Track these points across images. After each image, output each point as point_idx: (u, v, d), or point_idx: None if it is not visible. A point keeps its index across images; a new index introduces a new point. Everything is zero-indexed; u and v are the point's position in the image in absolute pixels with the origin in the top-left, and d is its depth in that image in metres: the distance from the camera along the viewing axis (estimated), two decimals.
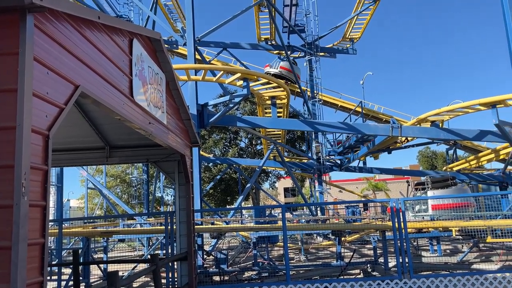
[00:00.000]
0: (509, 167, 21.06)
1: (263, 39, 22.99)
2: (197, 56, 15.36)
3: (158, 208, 30.91)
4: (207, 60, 21.04)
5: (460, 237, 16.86)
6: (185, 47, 15.25)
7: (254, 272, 12.30)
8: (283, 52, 22.43)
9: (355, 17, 22.89)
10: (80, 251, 10.96)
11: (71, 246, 19.61)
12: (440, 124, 14.82)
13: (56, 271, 11.36)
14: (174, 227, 8.32)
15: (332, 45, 24.90)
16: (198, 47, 16.64)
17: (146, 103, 5.34)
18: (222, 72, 12.70)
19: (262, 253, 14.22)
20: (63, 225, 12.29)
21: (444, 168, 26.85)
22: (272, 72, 21.82)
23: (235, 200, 33.68)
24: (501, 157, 20.65)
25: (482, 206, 13.16)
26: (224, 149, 34.52)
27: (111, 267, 12.45)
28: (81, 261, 10.98)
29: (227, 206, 34.20)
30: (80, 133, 7.55)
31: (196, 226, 9.92)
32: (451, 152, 27.50)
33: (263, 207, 19.43)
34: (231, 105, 13.32)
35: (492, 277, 8.93)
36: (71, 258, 9.83)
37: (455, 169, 24.05)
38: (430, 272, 10.94)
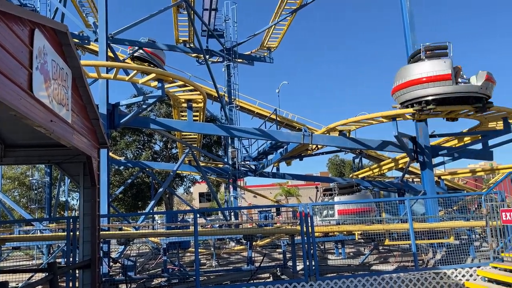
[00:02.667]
0: (406, 176, 23.01)
1: (181, 41, 22.68)
2: (110, 54, 14.67)
3: (62, 213, 28.86)
4: (121, 58, 20.19)
5: (362, 240, 18.03)
6: (97, 43, 14.50)
7: (164, 279, 12.00)
8: (201, 55, 22.33)
9: (273, 27, 23.54)
10: None
11: None
12: (347, 134, 15.76)
13: None
14: (78, 233, 7.79)
15: (250, 53, 25.35)
16: (111, 44, 15.91)
17: (48, 99, 4.94)
18: (135, 71, 12.25)
19: (173, 259, 13.92)
20: None
21: (351, 175, 28.58)
22: (135, 54, 21.42)
23: (147, 206, 32.60)
24: (400, 166, 22.51)
25: (383, 211, 14.16)
26: (137, 152, 33.32)
27: (1, 277, 11.32)
28: None
29: (139, 212, 33.01)
30: None
31: (102, 232, 9.41)
32: (357, 160, 29.39)
33: (175, 212, 19.06)
34: (144, 106, 12.90)
35: (388, 277, 9.63)
36: None
37: (360, 176, 25.74)
38: (335, 274, 11.50)
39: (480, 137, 16.05)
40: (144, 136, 33.74)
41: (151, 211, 17.04)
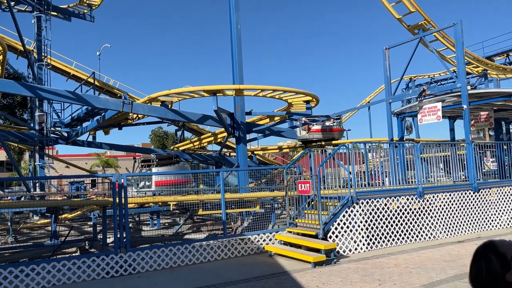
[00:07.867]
0: (224, 150, 24.24)
1: None
2: None
3: None
4: None
5: (178, 211, 18.38)
6: None
7: None
8: (5, 1, 19.04)
9: None
10: None
11: None
12: (170, 105, 15.62)
13: None
14: None
15: (68, 7, 22.73)
16: None
17: None
18: None
19: None
20: None
21: (172, 147, 28.70)
22: None
23: None
24: (219, 140, 23.57)
25: (200, 182, 14.57)
26: None
27: None
28: None
29: None
30: None
31: None
32: (179, 133, 29.62)
33: None
34: None
35: (199, 245, 10.02)
36: None
37: (181, 148, 26.04)
38: (148, 245, 11.42)
39: (287, 117, 17.88)
40: None
41: None
